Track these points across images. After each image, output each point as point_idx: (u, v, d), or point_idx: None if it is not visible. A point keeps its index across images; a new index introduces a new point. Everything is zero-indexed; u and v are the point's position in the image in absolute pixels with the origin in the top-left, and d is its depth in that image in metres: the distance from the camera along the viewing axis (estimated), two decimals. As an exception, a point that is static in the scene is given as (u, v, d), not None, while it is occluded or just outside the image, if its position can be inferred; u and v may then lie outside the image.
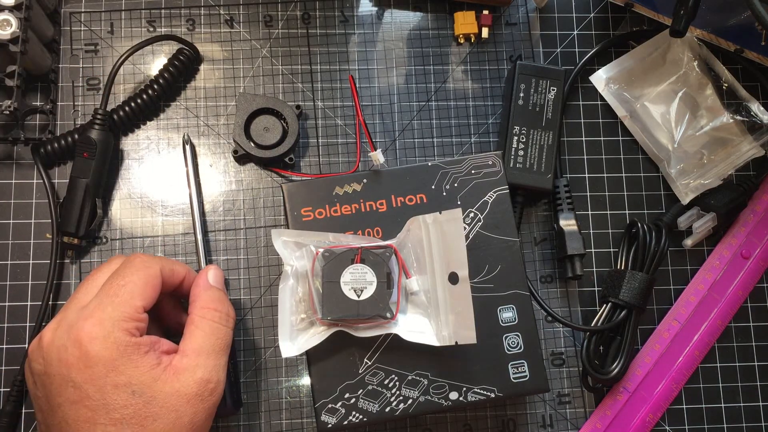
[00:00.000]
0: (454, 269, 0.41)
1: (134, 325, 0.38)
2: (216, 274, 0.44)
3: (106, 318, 0.37)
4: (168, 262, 0.42)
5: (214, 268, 0.44)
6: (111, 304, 0.38)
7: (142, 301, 0.39)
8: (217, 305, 0.42)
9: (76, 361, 0.36)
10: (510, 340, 0.44)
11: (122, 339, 0.37)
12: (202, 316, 0.41)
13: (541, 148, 0.50)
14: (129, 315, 0.38)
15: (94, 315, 0.37)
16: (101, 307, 0.38)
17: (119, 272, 0.40)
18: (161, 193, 0.51)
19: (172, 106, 0.52)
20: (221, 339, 0.41)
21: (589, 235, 0.53)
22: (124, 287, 0.39)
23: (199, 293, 0.42)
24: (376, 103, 0.53)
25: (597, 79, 0.54)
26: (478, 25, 0.53)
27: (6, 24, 0.45)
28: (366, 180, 0.45)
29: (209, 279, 0.43)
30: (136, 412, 0.36)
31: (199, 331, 0.40)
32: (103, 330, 0.37)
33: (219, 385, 0.40)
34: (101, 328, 0.37)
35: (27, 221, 0.50)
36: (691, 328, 0.51)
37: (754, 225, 0.53)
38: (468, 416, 0.49)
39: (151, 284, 0.40)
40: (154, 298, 0.40)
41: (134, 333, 0.38)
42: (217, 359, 0.40)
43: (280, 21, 0.54)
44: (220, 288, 0.44)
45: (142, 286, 0.39)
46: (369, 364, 0.43)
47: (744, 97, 0.54)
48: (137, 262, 0.40)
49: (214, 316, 0.41)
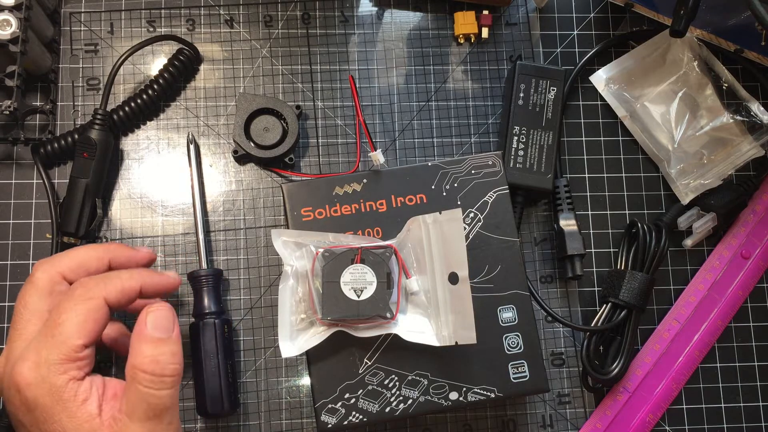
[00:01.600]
0: (454, 269, 0.41)
1: (74, 365, 0.35)
2: (158, 317, 0.37)
3: (42, 361, 0.35)
4: (115, 283, 0.38)
5: (157, 309, 0.38)
6: (47, 346, 0.35)
7: (81, 339, 0.36)
8: (148, 366, 0.36)
9: (20, 404, 0.35)
10: (510, 340, 0.44)
11: (58, 385, 0.35)
12: (132, 377, 0.36)
13: (541, 148, 0.50)
14: (67, 356, 0.35)
15: (30, 358, 0.35)
16: (38, 348, 0.35)
17: (58, 307, 0.36)
18: (161, 193, 0.51)
19: (172, 106, 0.52)
20: (153, 405, 0.36)
21: (589, 235, 0.53)
22: (62, 325, 0.35)
23: (133, 344, 0.37)
24: (376, 103, 0.53)
25: (597, 79, 0.54)
26: (478, 25, 0.53)
27: (6, 24, 0.45)
28: (366, 180, 0.45)
29: (147, 326, 0.37)
30: None
31: (130, 393, 0.36)
32: (39, 375, 0.35)
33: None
34: (37, 373, 0.35)
35: (27, 221, 0.50)
36: (691, 328, 0.51)
37: (754, 225, 0.53)
38: (468, 416, 0.49)
39: (92, 318, 0.36)
40: (99, 332, 0.37)
41: (74, 375, 0.35)
42: (154, 425, 0.36)
43: (280, 21, 0.54)
44: (161, 336, 0.37)
45: (81, 323, 0.36)
46: (369, 364, 0.43)
47: (744, 97, 0.54)
48: (77, 294, 0.37)
49: (142, 379, 0.36)
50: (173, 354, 0.37)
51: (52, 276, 0.39)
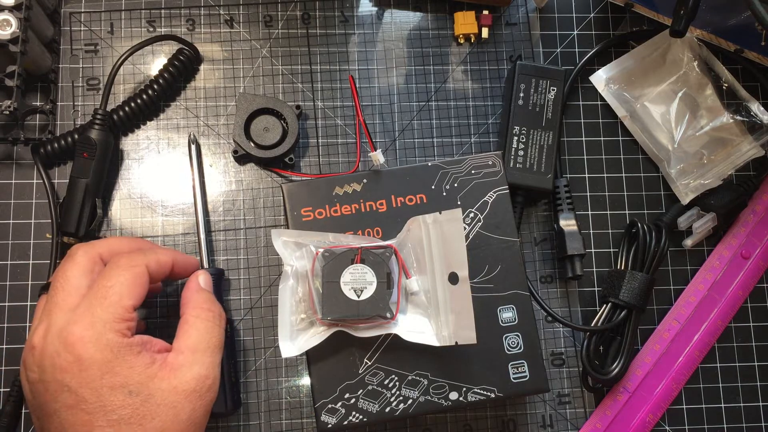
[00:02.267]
0: (454, 269, 0.41)
1: (125, 325, 0.38)
2: (206, 278, 0.45)
3: (97, 320, 0.37)
4: (153, 255, 0.42)
5: (204, 273, 0.45)
6: (100, 306, 0.38)
7: (131, 300, 0.39)
8: (210, 306, 0.43)
9: (70, 365, 0.36)
10: (510, 340, 0.44)
11: (114, 340, 0.37)
12: (197, 315, 0.42)
13: (541, 148, 0.50)
14: (119, 316, 0.38)
15: (84, 318, 0.37)
16: (90, 309, 0.38)
17: (105, 274, 0.39)
18: (161, 193, 0.51)
19: (172, 106, 0.52)
20: (215, 337, 0.41)
21: (589, 235, 0.53)
22: (112, 288, 0.38)
23: (191, 296, 0.43)
24: (376, 103, 0.53)
25: (597, 79, 0.54)
26: (478, 25, 0.53)
27: (6, 24, 0.45)
28: (366, 180, 0.45)
29: (200, 282, 0.44)
30: (134, 412, 0.36)
31: (193, 329, 0.41)
32: (95, 332, 0.37)
33: (215, 381, 0.40)
34: (93, 330, 0.37)
35: (27, 221, 0.50)
36: (691, 328, 0.51)
37: (754, 225, 0.53)
38: (468, 416, 0.49)
39: (138, 283, 0.40)
40: (143, 296, 0.40)
41: (126, 333, 0.38)
42: (213, 356, 0.40)
43: (280, 21, 0.54)
44: (208, 290, 0.45)
45: (130, 286, 0.39)
46: (369, 364, 0.43)
47: (744, 97, 0.54)
48: (123, 262, 0.40)
49: (207, 315, 0.42)
50: (219, 304, 0.44)
51: (92, 256, 0.41)
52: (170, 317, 0.49)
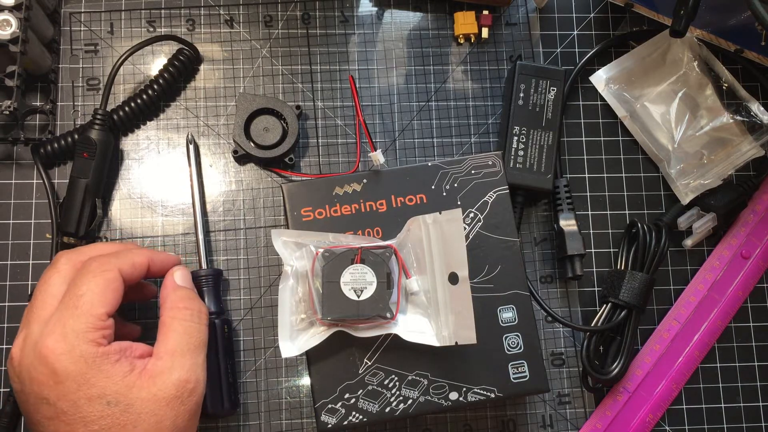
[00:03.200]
0: (454, 269, 0.41)
1: (99, 334, 0.37)
2: (183, 274, 0.43)
3: (69, 331, 0.36)
4: (126, 257, 0.41)
5: (180, 269, 0.44)
6: (72, 317, 0.37)
7: (103, 308, 0.38)
8: (187, 303, 0.41)
9: (46, 378, 0.36)
10: (510, 340, 0.44)
11: (89, 351, 0.36)
12: (173, 316, 0.40)
13: (541, 148, 0.50)
14: (92, 325, 0.37)
15: (56, 330, 0.36)
16: (62, 320, 0.37)
17: (76, 281, 0.38)
18: (161, 193, 0.51)
19: (172, 106, 0.52)
20: (195, 337, 0.40)
21: (589, 235, 0.53)
22: (83, 297, 0.37)
23: (167, 295, 0.42)
24: (376, 103, 0.53)
25: (597, 79, 0.54)
26: (478, 25, 0.53)
27: (6, 24, 0.45)
28: (366, 180, 0.45)
29: (176, 279, 0.43)
30: (115, 422, 0.36)
31: (171, 332, 0.40)
32: (68, 344, 0.36)
33: (198, 384, 0.39)
34: (65, 343, 0.36)
35: (27, 221, 0.50)
36: (691, 329, 0.51)
37: (754, 225, 0.53)
38: (468, 416, 0.49)
39: (111, 288, 0.38)
40: (118, 300, 0.39)
41: (101, 342, 0.37)
42: (194, 358, 0.39)
43: (280, 21, 0.54)
44: (188, 287, 0.43)
45: (102, 293, 0.38)
46: (369, 364, 0.43)
47: (744, 97, 0.54)
48: (93, 267, 0.39)
49: (185, 315, 0.40)
50: (201, 304, 0.42)
51: (75, 264, 0.40)
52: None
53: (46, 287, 0.39)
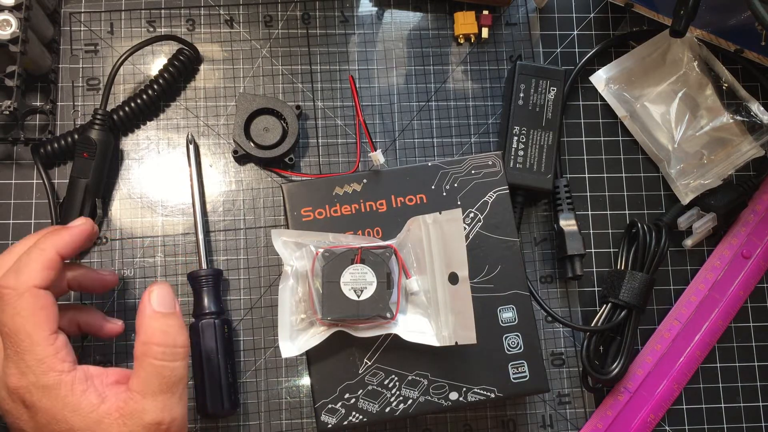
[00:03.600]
0: (454, 269, 0.41)
1: (57, 360, 0.35)
2: (160, 295, 0.37)
3: (25, 369, 0.35)
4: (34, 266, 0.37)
5: (157, 287, 0.38)
6: (16, 355, 0.35)
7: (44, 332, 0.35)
8: (160, 338, 0.36)
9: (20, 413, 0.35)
10: (510, 340, 0.44)
11: (50, 383, 0.34)
12: (144, 353, 0.36)
13: (541, 148, 0.50)
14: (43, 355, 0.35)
15: (12, 368, 0.35)
16: (14, 359, 0.35)
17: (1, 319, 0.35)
18: (161, 193, 0.51)
19: (172, 106, 0.52)
20: (167, 377, 0.36)
21: (589, 235, 0.53)
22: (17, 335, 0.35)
23: (141, 322, 0.37)
24: (376, 103, 0.53)
25: (597, 79, 0.54)
26: (478, 25, 0.53)
27: (6, 24, 0.45)
28: (366, 180, 0.45)
29: (152, 303, 0.37)
30: None
31: (142, 369, 0.36)
32: (28, 382, 0.34)
33: (174, 421, 0.36)
34: (26, 380, 0.34)
35: (27, 221, 0.50)
36: (692, 328, 0.51)
37: (755, 225, 0.53)
38: (468, 416, 0.49)
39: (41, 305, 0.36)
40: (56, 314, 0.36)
41: (61, 369, 0.35)
42: (167, 398, 0.36)
43: (280, 21, 0.54)
44: (166, 311, 0.37)
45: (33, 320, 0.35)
46: (369, 365, 0.43)
47: (744, 97, 0.54)
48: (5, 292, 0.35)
49: (156, 353, 0.36)
50: (180, 326, 0.37)
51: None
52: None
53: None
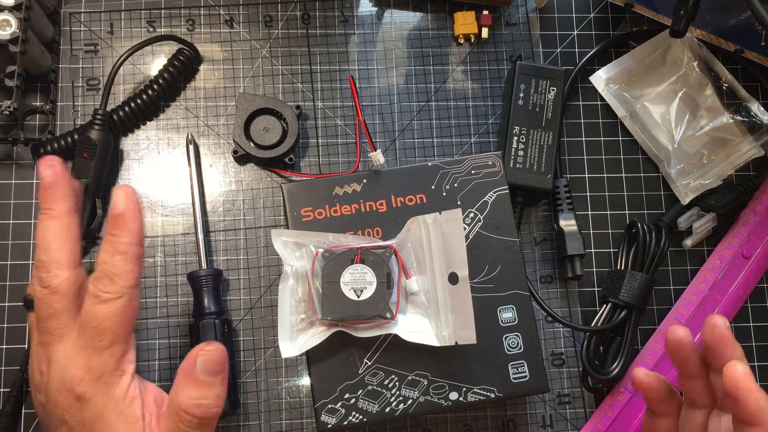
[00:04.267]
0: (454, 269, 0.41)
1: (125, 361, 0.36)
2: (207, 360, 0.36)
3: (95, 365, 0.36)
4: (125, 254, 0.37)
5: (207, 352, 0.36)
6: (95, 352, 0.36)
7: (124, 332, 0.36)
8: (191, 408, 0.35)
9: (70, 405, 0.36)
10: (510, 340, 0.44)
11: (110, 383, 0.36)
12: (174, 412, 0.36)
13: (541, 148, 0.50)
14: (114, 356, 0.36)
15: (79, 359, 0.36)
16: (85, 352, 0.36)
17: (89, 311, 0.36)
18: (161, 193, 0.51)
19: (172, 106, 0.52)
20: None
21: (589, 235, 0.53)
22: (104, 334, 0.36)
23: (179, 381, 0.36)
24: (376, 103, 0.53)
25: (597, 80, 0.54)
26: (478, 25, 0.53)
27: (6, 24, 0.45)
28: (366, 180, 0.45)
29: (197, 367, 0.36)
30: None
31: (169, 424, 0.36)
32: (92, 376, 0.35)
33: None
34: (90, 374, 0.35)
35: (27, 221, 0.50)
36: (691, 329, 0.51)
37: (755, 225, 0.53)
38: (468, 416, 0.49)
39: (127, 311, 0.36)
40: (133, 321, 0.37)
41: (121, 371, 0.36)
42: None
43: (280, 21, 0.54)
44: (207, 379, 0.36)
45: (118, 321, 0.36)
46: (369, 365, 0.43)
47: (744, 97, 0.54)
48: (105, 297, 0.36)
49: (184, 419, 0.35)
50: (218, 397, 0.36)
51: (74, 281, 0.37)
52: (169, 316, 0.49)
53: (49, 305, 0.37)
